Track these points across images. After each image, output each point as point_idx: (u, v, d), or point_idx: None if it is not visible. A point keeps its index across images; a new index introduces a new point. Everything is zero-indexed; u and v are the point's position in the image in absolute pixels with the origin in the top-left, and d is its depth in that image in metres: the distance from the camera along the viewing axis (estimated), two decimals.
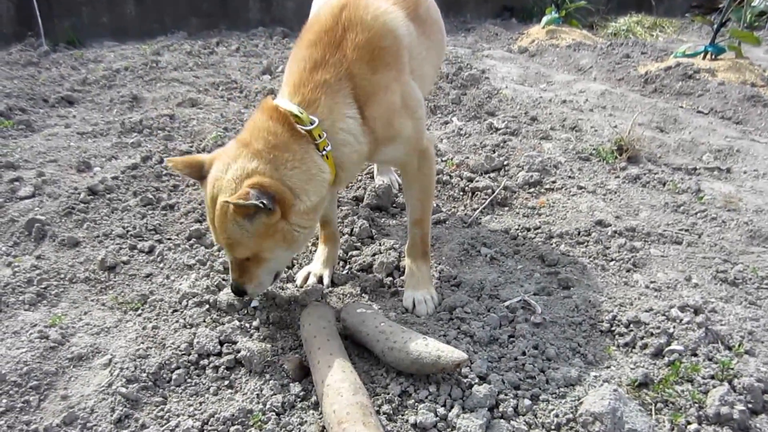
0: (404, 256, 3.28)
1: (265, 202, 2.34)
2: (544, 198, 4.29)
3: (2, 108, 5.94)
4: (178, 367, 2.61)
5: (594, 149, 5.03)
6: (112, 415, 2.37)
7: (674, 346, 2.57)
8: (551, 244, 3.62)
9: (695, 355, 2.55)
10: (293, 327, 2.89)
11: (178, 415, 2.39)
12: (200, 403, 2.47)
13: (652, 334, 2.67)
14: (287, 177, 2.48)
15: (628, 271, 3.36)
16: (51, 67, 8.05)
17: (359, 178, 4.52)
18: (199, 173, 2.62)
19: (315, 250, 3.45)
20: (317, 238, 3.46)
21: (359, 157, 2.73)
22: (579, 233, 3.71)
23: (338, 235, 3.44)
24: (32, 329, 2.87)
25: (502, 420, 2.27)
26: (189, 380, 2.58)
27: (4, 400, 2.45)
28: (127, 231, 3.76)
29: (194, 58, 8.31)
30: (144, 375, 2.55)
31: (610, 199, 4.25)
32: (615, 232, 3.69)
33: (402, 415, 2.33)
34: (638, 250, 3.53)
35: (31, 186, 4.35)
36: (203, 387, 2.55)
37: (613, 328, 2.78)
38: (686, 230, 3.77)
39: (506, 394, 2.39)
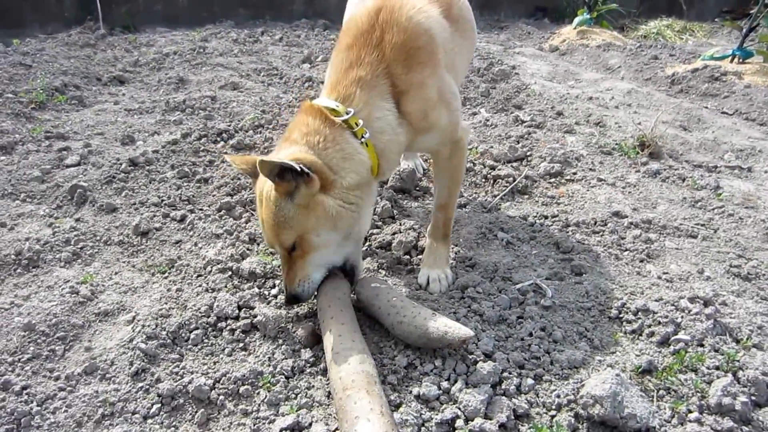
0: (424, 236, 3.21)
1: (297, 166, 2.26)
2: (563, 188, 4.17)
3: (58, 84, 5.98)
4: (196, 328, 2.57)
5: (616, 144, 4.87)
6: (130, 368, 2.35)
7: (681, 335, 2.45)
8: (567, 232, 3.51)
9: (701, 345, 2.42)
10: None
11: (192, 372, 2.35)
12: (214, 363, 2.43)
13: (659, 323, 2.55)
14: (322, 156, 2.45)
15: (641, 261, 3.24)
16: (106, 49, 8.10)
17: None
18: (254, 171, 2.56)
19: None
20: None
21: (398, 147, 2.68)
22: (595, 223, 3.58)
23: None
24: (65, 285, 2.86)
25: (504, 397, 2.19)
26: (206, 340, 2.54)
27: (32, 348, 2.44)
28: (162, 200, 3.74)
29: (239, 45, 8.29)
30: (164, 333, 2.52)
31: (629, 192, 4.10)
32: (631, 223, 3.56)
33: (406, 386, 2.26)
34: (653, 241, 3.39)
35: (78, 155, 4.37)
36: (219, 348, 2.51)
37: (621, 315, 2.67)
38: (702, 225, 3.62)
39: (510, 373, 2.30)
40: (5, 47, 7.39)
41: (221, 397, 2.25)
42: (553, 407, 2.17)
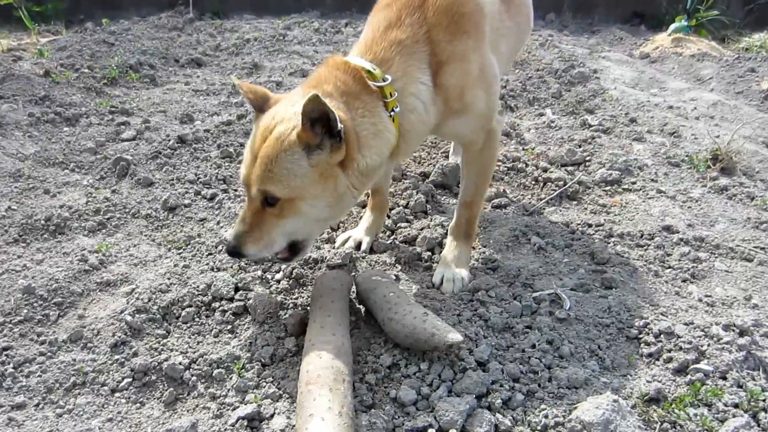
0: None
1: (340, 125, 2.00)
2: (618, 197, 3.86)
3: (133, 62, 6.12)
4: (189, 306, 2.49)
5: (686, 156, 4.48)
6: (111, 340, 2.30)
7: (702, 365, 2.16)
8: (608, 243, 3.22)
9: (724, 378, 2.12)
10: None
11: (171, 350, 2.28)
12: (198, 342, 2.34)
13: (680, 348, 2.26)
14: (357, 124, 2.15)
15: (684, 281, 2.92)
16: (193, 33, 8.27)
17: (432, 155, 4.27)
18: (261, 104, 2.26)
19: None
20: (364, 205, 3.26)
21: (424, 127, 2.41)
22: (642, 236, 3.28)
23: (387, 204, 3.20)
24: (79, 252, 2.86)
25: (487, 411, 1.98)
26: (197, 319, 2.46)
27: (25, 311, 2.44)
28: (198, 178, 3.72)
29: (320, 35, 8.27)
30: (155, 308, 2.46)
31: (689, 207, 3.74)
32: (681, 239, 3.23)
33: (385, 387, 2.09)
34: (701, 261, 3.06)
35: (134, 130, 4.43)
36: (207, 328, 2.42)
37: (640, 336, 2.38)
38: (762, 248, 3.24)
39: (502, 385, 2.09)
40: (95, 26, 7.67)
41: (194, 378, 2.16)
42: (539, 428, 1.95)
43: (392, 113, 2.23)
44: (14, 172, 3.75)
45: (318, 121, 2.00)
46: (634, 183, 4.01)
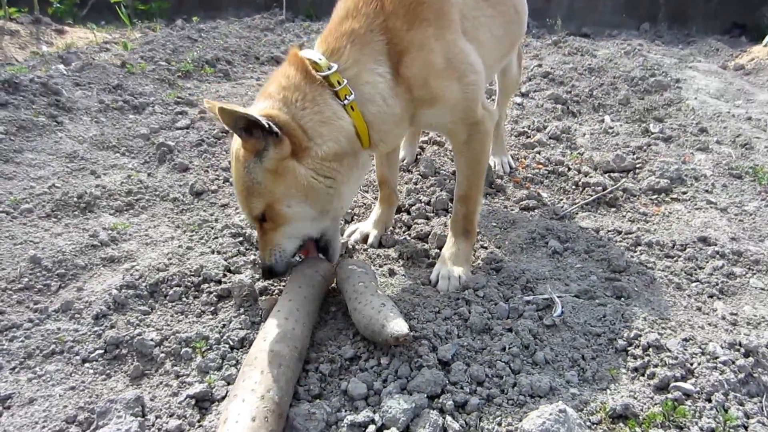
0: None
1: (264, 122, 2.00)
2: (662, 207, 3.58)
3: (210, 57, 6.31)
4: (178, 285, 2.51)
5: (751, 168, 4.11)
6: (94, 312, 2.34)
7: (686, 384, 1.93)
8: (633, 252, 2.98)
9: (708, 400, 1.89)
10: None
11: (148, 326, 2.29)
12: (178, 321, 2.35)
13: (666, 365, 2.04)
14: (298, 116, 2.15)
15: (710, 296, 2.66)
16: (282, 33, 8.46)
17: None
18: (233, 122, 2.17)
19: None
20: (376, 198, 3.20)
21: (391, 118, 2.32)
22: (673, 246, 3.02)
23: (396, 198, 3.11)
24: (96, 229, 2.95)
25: (438, 412, 1.85)
26: (184, 299, 2.47)
27: (26, 279, 2.53)
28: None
29: None
30: (144, 284, 2.49)
31: (739, 220, 3.42)
32: (717, 252, 2.95)
33: (340, 378, 2.01)
34: (736, 277, 2.78)
35: (189, 120, 4.56)
36: (192, 308, 2.43)
37: (629, 348, 2.17)
38: None
39: (461, 387, 1.96)
40: (184, 23, 7.99)
41: (162, 355, 2.16)
42: None
43: (347, 101, 2.19)
44: (71, 153, 3.94)
45: (252, 128, 2.03)
46: (684, 193, 3.72)
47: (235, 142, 2.21)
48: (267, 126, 2.03)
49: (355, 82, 2.22)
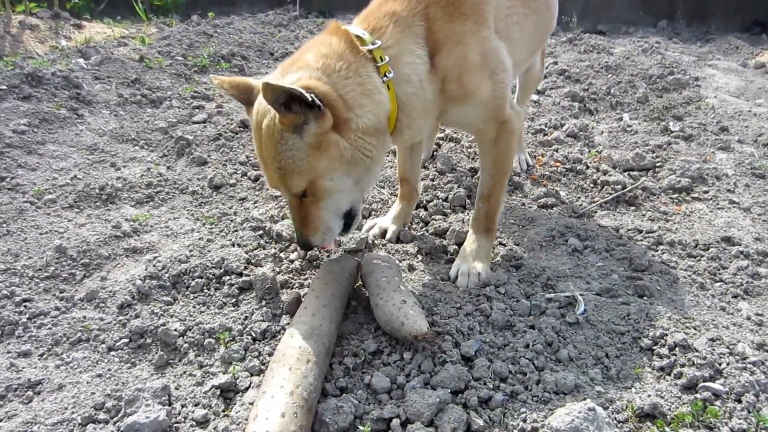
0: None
1: (307, 96, 1.89)
2: (684, 206, 3.56)
3: (225, 52, 6.32)
4: (200, 277, 2.52)
5: None
6: (119, 301, 2.36)
7: (715, 384, 1.92)
8: (655, 251, 2.97)
9: (738, 401, 1.88)
10: None
11: (171, 316, 2.31)
12: (200, 312, 2.36)
13: (693, 364, 2.03)
14: (340, 85, 2.06)
15: (735, 297, 2.64)
16: (295, 29, 8.46)
17: None
18: (248, 97, 2.21)
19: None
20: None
21: (423, 104, 2.29)
22: (696, 245, 3.00)
23: (416, 194, 3.11)
24: (119, 220, 2.97)
25: (462, 407, 1.85)
26: (206, 290, 2.49)
27: (52, 268, 2.55)
28: (249, 159, 3.78)
29: None
30: (166, 275, 2.50)
31: (763, 221, 3.39)
32: (741, 252, 2.93)
33: (363, 372, 2.02)
34: (761, 277, 2.76)
35: (206, 114, 4.57)
36: (214, 299, 2.44)
37: (654, 347, 2.17)
38: None
39: (484, 383, 1.96)
40: (200, 19, 8.01)
41: (186, 345, 2.18)
42: (515, 431, 1.81)
43: (386, 78, 2.15)
44: (91, 145, 3.97)
45: (291, 102, 1.93)
46: (706, 192, 3.69)
47: (265, 116, 2.05)
48: (310, 99, 1.93)
49: (395, 62, 2.19)
